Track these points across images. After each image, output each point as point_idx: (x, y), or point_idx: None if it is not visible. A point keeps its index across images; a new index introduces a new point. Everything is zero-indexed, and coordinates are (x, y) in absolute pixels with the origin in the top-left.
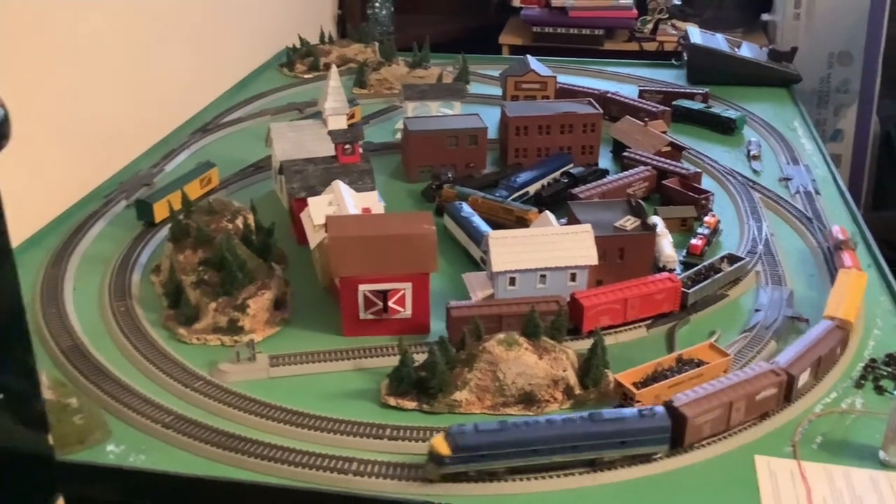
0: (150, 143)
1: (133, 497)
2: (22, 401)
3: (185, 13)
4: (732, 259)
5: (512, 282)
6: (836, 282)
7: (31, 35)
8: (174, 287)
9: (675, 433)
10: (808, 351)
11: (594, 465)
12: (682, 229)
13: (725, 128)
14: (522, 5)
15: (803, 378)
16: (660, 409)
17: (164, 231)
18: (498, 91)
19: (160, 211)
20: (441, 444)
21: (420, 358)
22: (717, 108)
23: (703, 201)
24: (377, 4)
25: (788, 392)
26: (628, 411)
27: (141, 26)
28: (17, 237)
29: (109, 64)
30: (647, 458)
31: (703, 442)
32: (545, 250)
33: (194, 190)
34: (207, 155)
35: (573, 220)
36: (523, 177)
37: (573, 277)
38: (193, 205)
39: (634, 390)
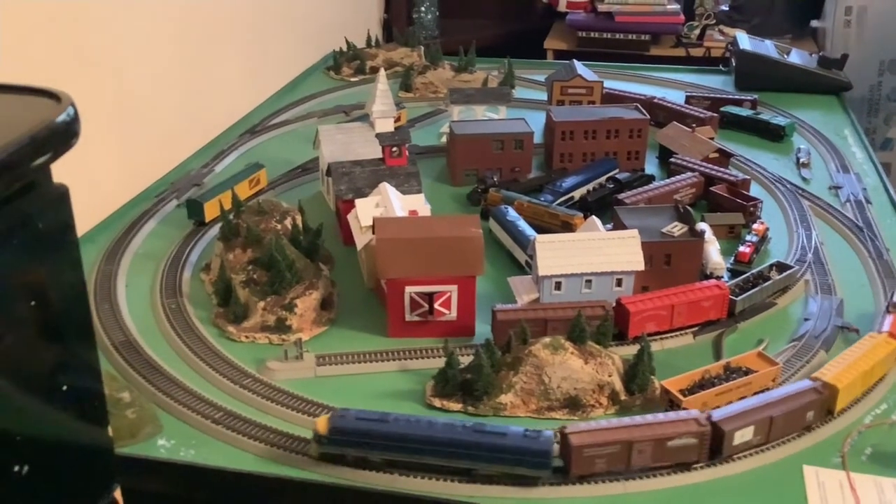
0: (200, 144)
1: (183, 491)
2: (84, 393)
3: (235, 17)
4: (781, 267)
5: (558, 286)
6: (856, 344)
7: (89, 37)
8: (224, 285)
9: (565, 461)
10: (756, 409)
11: (471, 475)
12: (730, 236)
13: (775, 135)
14: (568, 10)
15: (743, 435)
16: (548, 433)
17: (214, 230)
18: (543, 96)
19: (210, 210)
20: (322, 423)
21: (465, 360)
22: (766, 115)
23: (752, 208)
24: (423, 9)
25: (715, 447)
26: (514, 429)
27: (193, 30)
28: None
29: (162, 66)
30: (532, 481)
31: (749, 451)
32: (591, 255)
33: (243, 190)
34: (255, 156)
35: (619, 226)
36: (568, 181)
37: (619, 283)
38: (243, 205)
39: (681, 397)
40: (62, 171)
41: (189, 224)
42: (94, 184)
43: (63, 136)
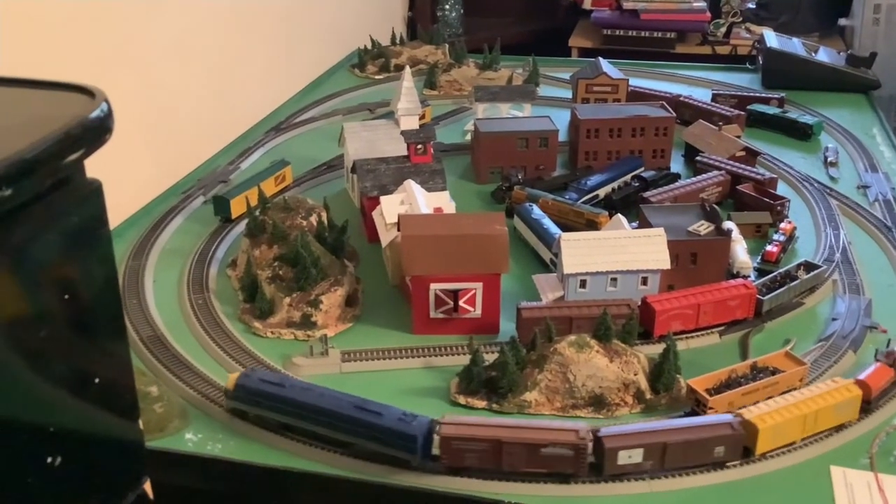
0: (227, 141)
1: (210, 484)
2: (116, 386)
3: (261, 16)
4: (809, 267)
5: (583, 284)
6: (819, 384)
7: (120, 36)
8: (250, 281)
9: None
10: (651, 433)
11: (347, 448)
12: (757, 235)
13: (802, 133)
14: (593, 8)
15: (630, 456)
16: (424, 419)
17: (241, 226)
18: (568, 93)
19: (237, 207)
20: (232, 380)
21: (490, 358)
22: (794, 114)
23: (779, 207)
24: (447, 7)
25: (598, 463)
26: (393, 410)
27: (220, 29)
28: None
29: (190, 64)
30: (405, 463)
31: (777, 451)
32: (617, 253)
33: (269, 187)
34: (281, 153)
35: (645, 224)
36: (593, 180)
37: (644, 281)
38: (269, 201)
39: (707, 397)
40: (91, 167)
41: (215, 220)
42: (122, 180)
43: (97, 132)
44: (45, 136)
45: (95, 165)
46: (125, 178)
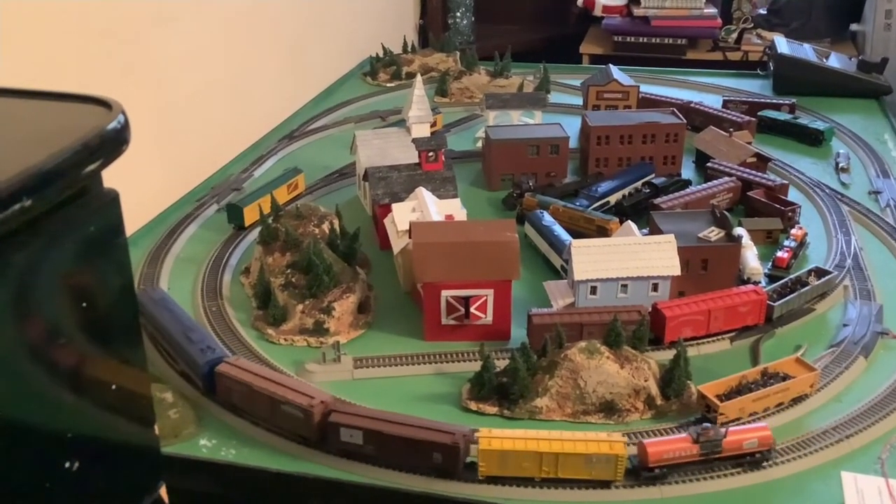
0: (239, 150)
1: (224, 490)
2: (132, 392)
3: (274, 26)
4: (820, 273)
5: (593, 291)
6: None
7: (134, 48)
8: (263, 288)
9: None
10: (372, 419)
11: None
12: (768, 241)
13: (813, 139)
14: (604, 15)
15: (352, 436)
16: (219, 356)
17: (254, 234)
18: (578, 100)
19: (250, 215)
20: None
21: (501, 364)
22: (805, 119)
23: (790, 213)
24: (458, 14)
25: (332, 437)
26: (205, 342)
27: (232, 38)
28: None
29: (204, 74)
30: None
31: (788, 456)
32: (627, 260)
33: (282, 195)
34: (294, 161)
35: (655, 231)
36: (604, 186)
37: (655, 288)
38: (282, 209)
39: (718, 402)
40: (106, 176)
41: (229, 228)
42: (136, 189)
43: (114, 144)
44: (63, 147)
45: (110, 174)
46: (140, 186)
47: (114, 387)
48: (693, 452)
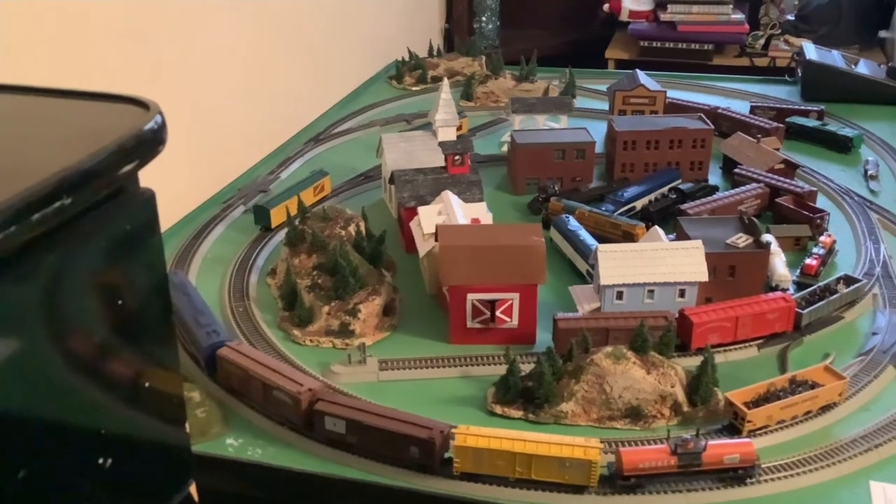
0: (266, 152)
1: (249, 489)
2: (164, 391)
3: (301, 28)
4: (849, 280)
5: (619, 296)
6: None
7: (165, 50)
8: (289, 290)
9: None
10: (355, 410)
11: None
12: (796, 248)
13: (842, 146)
14: (630, 20)
15: (335, 425)
16: (221, 340)
17: (280, 235)
18: (604, 105)
19: (277, 216)
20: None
21: (526, 368)
22: (833, 126)
23: (819, 220)
24: (483, 18)
25: (319, 425)
26: (213, 327)
27: (261, 42)
28: None
29: (232, 76)
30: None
31: (815, 465)
32: (654, 265)
33: (308, 197)
34: (320, 164)
35: (682, 236)
36: (630, 191)
37: (682, 293)
38: (308, 211)
39: (745, 410)
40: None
41: (256, 229)
42: (165, 189)
43: (151, 144)
44: (101, 147)
45: (141, 174)
46: (168, 187)
47: (147, 385)
48: (671, 464)
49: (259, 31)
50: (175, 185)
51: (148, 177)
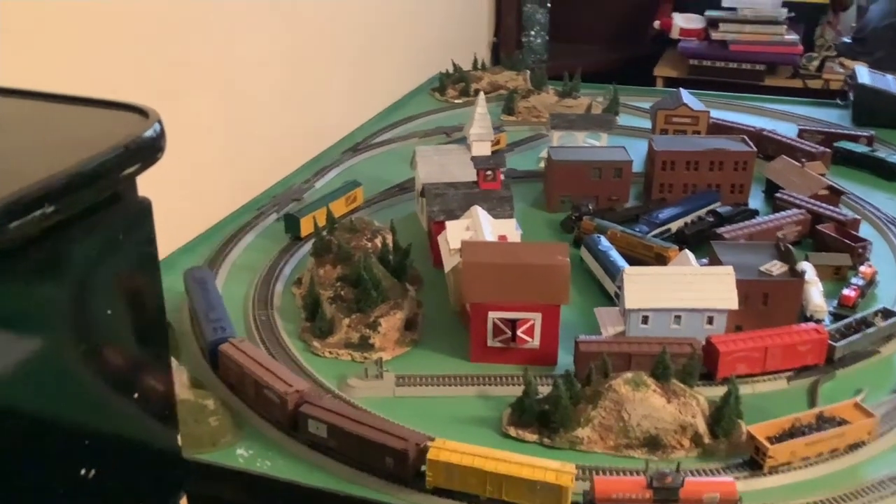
0: (304, 160)
1: (256, 501)
2: (155, 402)
3: (344, 37)
4: (887, 314)
5: (645, 320)
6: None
7: (205, 57)
8: (312, 300)
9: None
10: (337, 415)
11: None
12: (835, 278)
13: (890, 173)
14: (681, 37)
15: (318, 428)
16: (225, 337)
17: (309, 245)
18: (648, 124)
19: (306, 225)
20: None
21: (546, 390)
22: (883, 153)
23: (860, 250)
24: (532, 33)
25: (302, 426)
26: (222, 322)
27: (303, 49)
28: (174, 244)
29: (272, 84)
30: None
31: None
32: (682, 290)
33: (339, 207)
34: (356, 174)
35: (715, 261)
36: (666, 213)
37: (710, 321)
38: (337, 222)
39: (767, 445)
40: (171, 181)
41: (286, 238)
42: (200, 195)
43: (149, 151)
44: (90, 155)
45: (175, 181)
46: (204, 193)
47: (136, 395)
48: (645, 497)
49: (302, 38)
50: (211, 191)
51: (184, 182)
